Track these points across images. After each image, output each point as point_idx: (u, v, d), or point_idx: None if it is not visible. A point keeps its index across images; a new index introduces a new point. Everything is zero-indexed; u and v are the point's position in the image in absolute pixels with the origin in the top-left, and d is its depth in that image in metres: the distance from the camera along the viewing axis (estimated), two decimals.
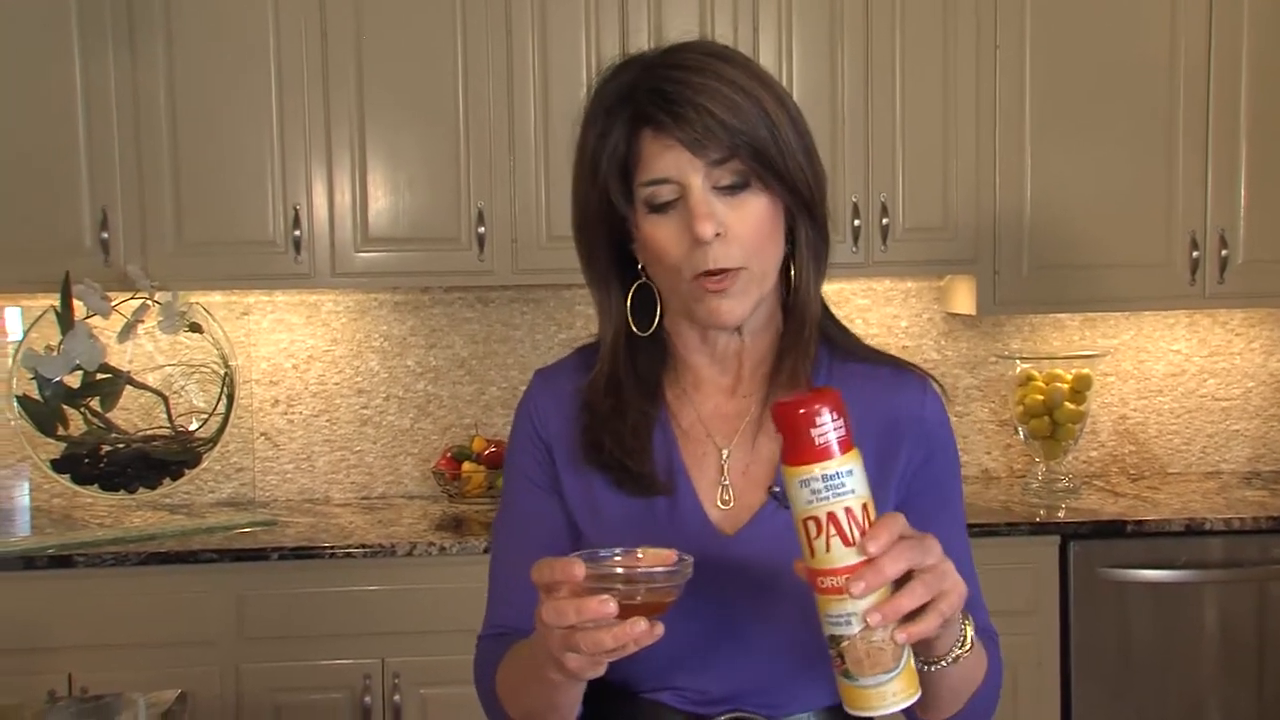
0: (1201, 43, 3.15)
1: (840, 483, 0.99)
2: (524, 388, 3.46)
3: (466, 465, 3.24)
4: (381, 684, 2.81)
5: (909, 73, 3.11)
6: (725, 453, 1.28)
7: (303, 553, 2.81)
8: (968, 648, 1.11)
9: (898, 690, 1.01)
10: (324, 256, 3.05)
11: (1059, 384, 3.24)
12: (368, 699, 2.80)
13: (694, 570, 1.05)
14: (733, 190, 1.19)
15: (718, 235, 1.18)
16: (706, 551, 1.19)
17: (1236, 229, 3.19)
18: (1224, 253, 3.18)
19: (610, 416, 1.27)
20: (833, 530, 0.99)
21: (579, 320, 3.42)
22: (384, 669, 2.82)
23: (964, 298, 3.28)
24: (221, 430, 3.08)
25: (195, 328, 3.05)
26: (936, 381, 1.33)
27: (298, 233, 3.02)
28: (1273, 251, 3.19)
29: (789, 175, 1.20)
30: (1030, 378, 3.29)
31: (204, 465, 3.13)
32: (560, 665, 1.03)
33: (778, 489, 1.24)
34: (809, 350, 1.27)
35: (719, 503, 1.26)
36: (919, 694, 1.03)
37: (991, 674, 1.24)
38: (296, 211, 3.02)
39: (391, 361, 3.40)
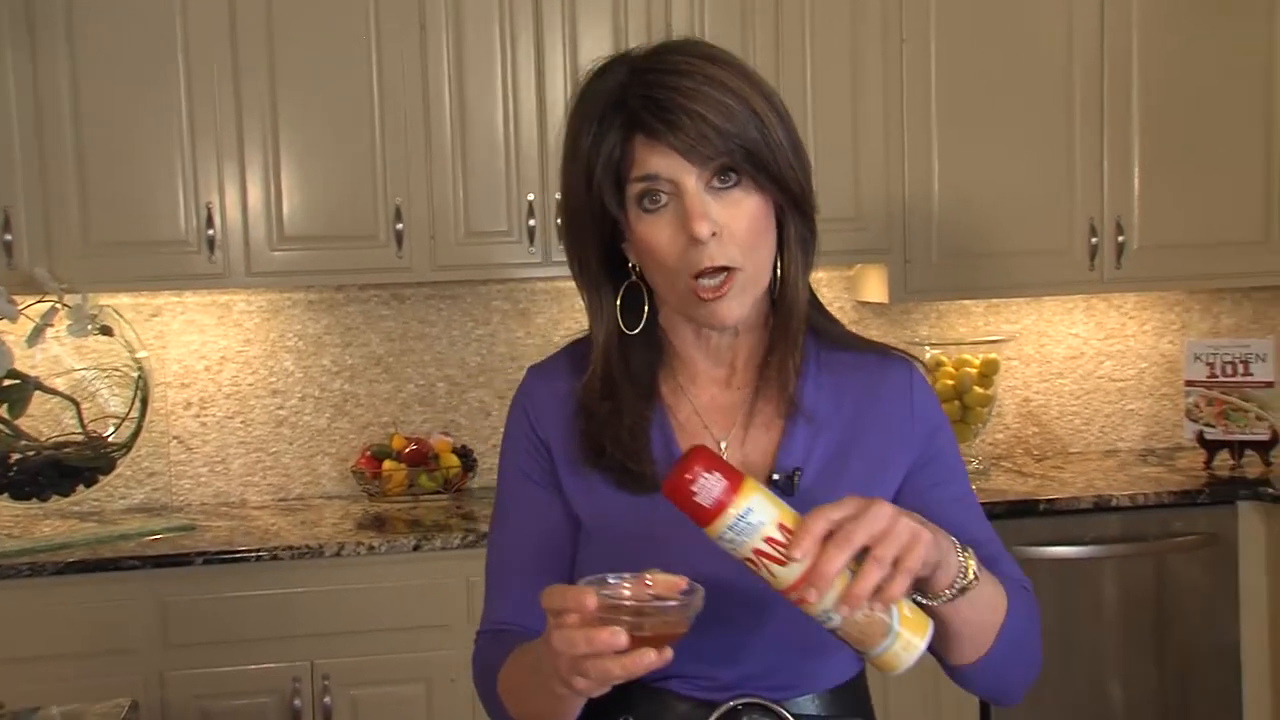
0: (1095, 36, 3.27)
1: (746, 523, 1.04)
2: (441, 384, 3.46)
3: (387, 464, 3.22)
4: (311, 686, 2.78)
5: (818, 66, 3.17)
6: (723, 444, 1.30)
7: (228, 556, 2.76)
8: (971, 578, 1.13)
9: (906, 643, 1.07)
10: (238, 256, 3.00)
11: (968, 369, 3.34)
12: (297, 702, 2.77)
13: (702, 562, 1.08)
14: (726, 188, 1.21)
15: (714, 235, 1.19)
16: (709, 544, 1.21)
17: (1132, 216, 3.31)
18: (1120, 239, 3.30)
19: (608, 419, 1.28)
20: (765, 561, 1.04)
21: (495, 316, 3.42)
22: (313, 671, 2.79)
23: (875, 286, 3.35)
24: (136, 434, 3.02)
25: (106, 330, 2.98)
26: (920, 361, 1.37)
27: (211, 232, 2.97)
28: (1164, 238, 3.33)
29: (780, 173, 1.22)
30: (940, 363, 3.38)
31: (116, 471, 3.06)
32: (567, 684, 1.05)
33: (777, 477, 1.26)
34: (797, 342, 1.29)
35: None
36: (929, 632, 1.08)
37: (1022, 617, 1.25)
38: (209, 210, 2.97)
39: (307, 361, 3.36)
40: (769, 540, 1.03)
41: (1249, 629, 3.12)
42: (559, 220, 1.33)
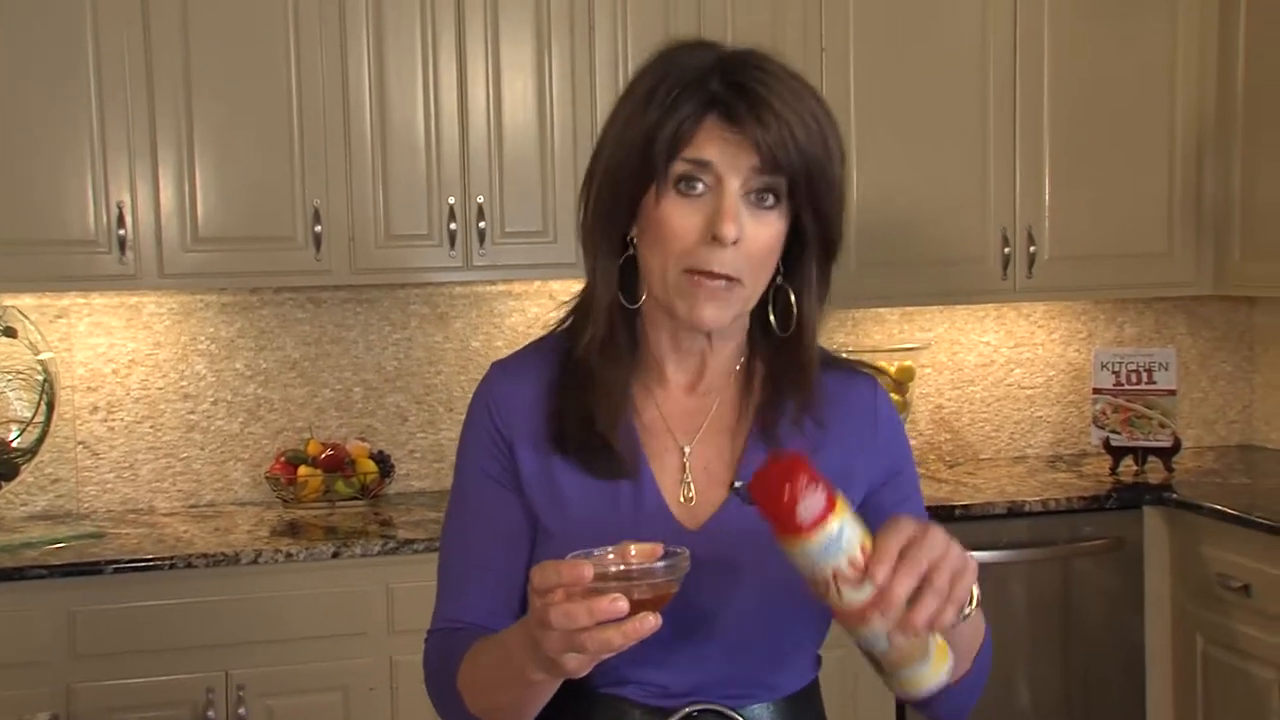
0: (1008, 51, 3.34)
1: (837, 545, 1.03)
2: (358, 389, 3.40)
3: (302, 469, 3.17)
4: (225, 696, 2.72)
5: None
6: (687, 449, 1.30)
7: (139, 564, 2.69)
8: (974, 605, 1.16)
9: (936, 667, 1.10)
10: (150, 257, 2.93)
11: (883, 377, 3.38)
12: (211, 713, 2.70)
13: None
14: (763, 205, 1.20)
15: (735, 242, 1.18)
16: (668, 545, 1.21)
17: (1042, 227, 3.39)
18: (1032, 249, 3.38)
19: (609, 383, 1.26)
20: (840, 583, 1.03)
21: (414, 320, 3.38)
22: (228, 681, 2.73)
23: None
24: (41, 439, 2.93)
25: (9, 332, 2.89)
26: (880, 373, 1.40)
27: (122, 232, 2.89)
28: (1072, 248, 3.41)
29: (826, 210, 1.22)
30: None
31: (19, 477, 2.96)
32: (556, 665, 1.03)
33: (739, 485, 1.26)
34: (812, 387, 1.29)
35: (681, 498, 1.28)
36: (954, 658, 1.11)
37: (989, 641, 1.30)
38: (120, 209, 2.89)
39: (219, 365, 3.29)
40: (850, 561, 1.02)
41: (1153, 631, 3.21)
42: (600, 172, 1.28)
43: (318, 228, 2.98)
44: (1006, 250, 3.36)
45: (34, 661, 2.65)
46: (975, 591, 1.15)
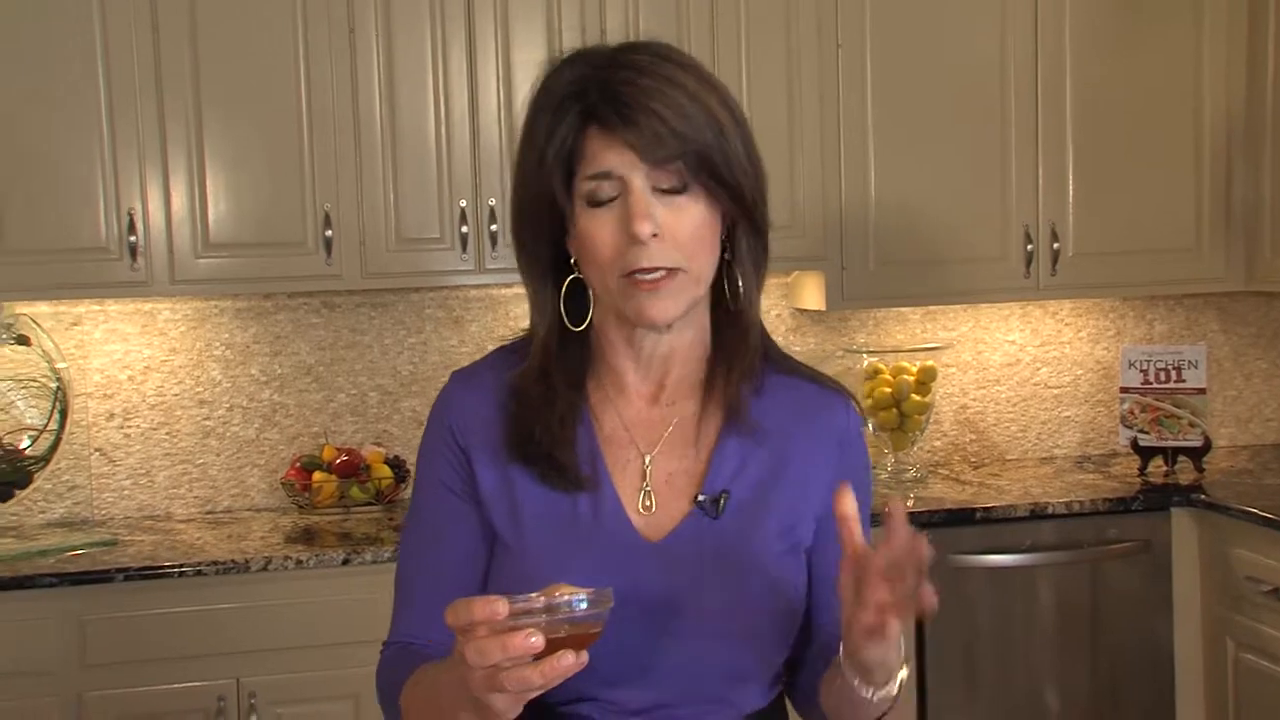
0: (1029, 45, 3.27)
1: None
2: (373, 394, 3.39)
3: (317, 475, 3.15)
4: (237, 705, 2.71)
5: (754, 70, 3.15)
6: (648, 459, 1.27)
7: (149, 572, 2.69)
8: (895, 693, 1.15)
9: None
10: (162, 263, 2.92)
11: (905, 376, 3.33)
12: None
13: (619, 576, 1.06)
14: (673, 193, 1.19)
15: (654, 236, 1.18)
16: (628, 556, 1.19)
17: (1066, 223, 3.32)
18: (1055, 246, 3.31)
19: (541, 406, 1.26)
20: None
21: (429, 324, 3.36)
22: (239, 689, 2.71)
23: (812, 293, 3.33)
24: (54, 447, 2.93)
25: (22, 340, 2.89)
26: (855, 399, 1.36)
27: (133, 238, 2.89)
28: (1098, 245, 3.34)
29: (733, 182, 1.21)
30: (877, 371, 3.36)
31: (34, 485, 2.97)
32: (484, 707, 1.00)
33: (702, 498, 1.24)
34: (753, 360, 1.28)
35: (640, 508, 1.26)
36: None
37: None
38: (131, 216, 2.89)
39: (234, 370, 3.28)
40: None
41: (1182, 635, 3.13)
42: (512, 209, 1.30)
43: (328, 232, 2.97)
44: (1029, 248, 3.30)
45: (45, 671, 2.64)
46: (901, 676, 1.14)
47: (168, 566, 2.70)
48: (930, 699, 3.02)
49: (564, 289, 1.26)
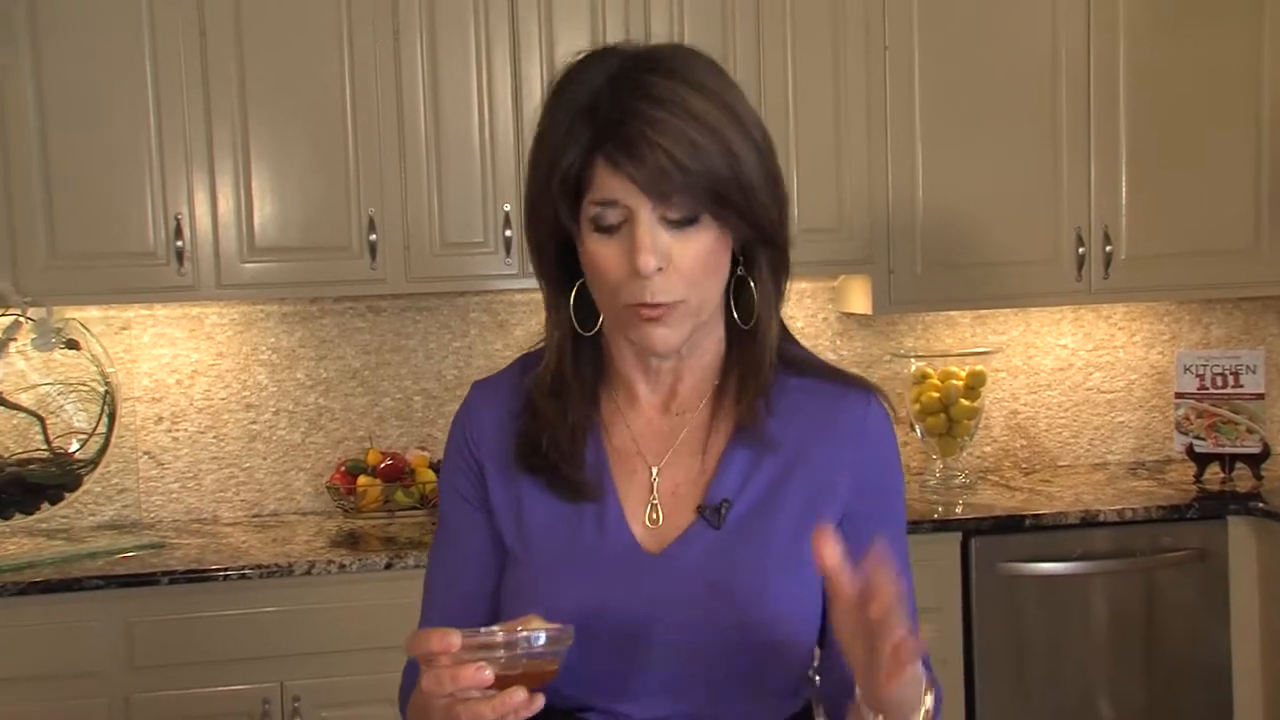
0: (1081, 44, 3.22)
1: None
2: (418, 398, 3.39)
3: (362, 479, 3.16)
4: (281, 708, 2.72)
5: (800, 72, 3.12)
6: (655, 470, 1.26)
7: (194, 575, 2.70)
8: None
9: None
10: (208, 268, 2.94)
11: (954, 381, 3.28)
12: None
13: (619, 588, 1.08)
14: (682, 224, 1.15)
15: (659, 270, 1.14)
16: (629, 568, 1.19)
17: (1119, 225, 3.26)
18: (1108, 249, 3.25)
19: (552, 417, 1.25)
20: None
21: (473, 329, 3.36)
22: (283, 692, 2.72)
23: (859, 297, 3.30)
24: (103, 451, 2.95)
25: (72, 344, 2.91)
26: (884, 395, 1.31)
27: (180, 243, 2.91)
28: (1152, 247, 3.27)
29: (749, 212, 1.17)
30: (926, 375, 3.32)
31: (84, 488, 2.99)
32: None
33: (706, 508, 1.22)
34: (766, 378, 1.25)
35: (647, 521, 1.24)
36: None
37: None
38: (178, 221, 2.91)
39: (280, 375, 3.29)
40: None
41: (1240, 646, 3.06)
42: (525, 210, 1.28)
43: (373, 236, 2.97)
44: (1081, 250, 3.24)
45: (93, 673, 2.66)
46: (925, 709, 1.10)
47: (214, 570, 2.71)
48: (979, 707, 2.97)
49: (575, 292, 1.24)
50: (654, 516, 1.24)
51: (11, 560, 2.78)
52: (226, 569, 2.71)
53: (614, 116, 1.13)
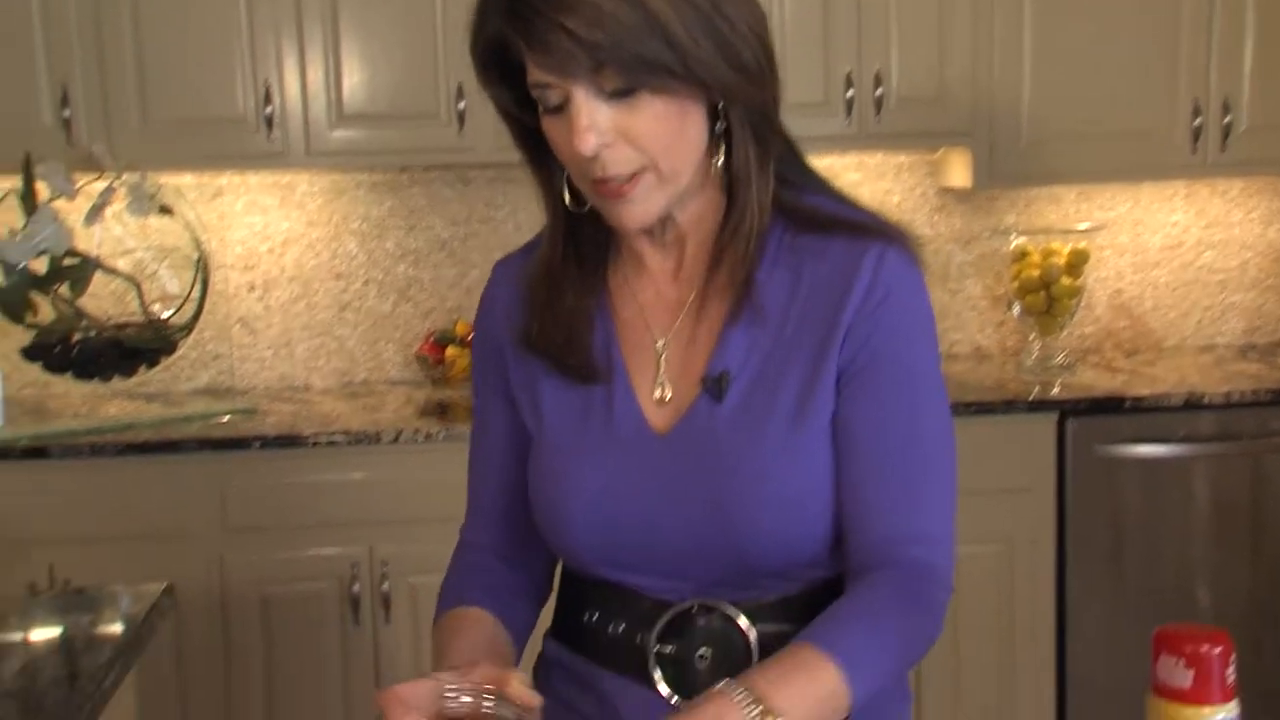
0: None
1: None
2: None
3: (450, 349, 3.17)
4: (370, 573, 2.77)
5: None
6: (661, 343, 1.21)
7: (285, 441, 2.74)
8: None
9: None
10: (297, 135, 2.92)
11: (1055, 259, 3.17)
12: (356, 588, 2.75)
13: (630, 473, 1.15)
14: (623, 94, 1.07)
15: (606, 146, 1.08)
16: (638, 447, 1.18)
17: (1240, 95, 3.08)
18: (1227, 119, 3.08)
19: (543, 307, 1.22)
20: None
21: None
22: (372, 557, 2.77)
23: (959, 171, 3.18)
24: (197, 316, 2.98)
25: (165, 210, 2.93)
26: (908, 240, 1.20)
27: (269, 110, 2.89)
28: (1275, 116, 3.10)
29: (689, 72, 1.07)
30: (1026, 253, 3.21)
31: (180, 353, 3.04)
32: None
33: (709, 379, 1.17)
34: (748, 243, 1.17)
35: (655, 397, 1.20)
36: None
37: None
38: (267, 87, 2.89)
39: (370, 244, 3.29)
40: None
41: None
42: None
43: (461, 105, 2.92)
44: (1197, 121, 3.08)
45: (190, 533, 2.72)
46: None
47: (302, 435, 2.74)
48: (1070, 589, 2.92)
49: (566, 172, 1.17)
50: (663, 393, 1.20)
51: (112, 421, 2.84)
52: (315, 435, 2.74)
53: (509, 9, 1.06)
